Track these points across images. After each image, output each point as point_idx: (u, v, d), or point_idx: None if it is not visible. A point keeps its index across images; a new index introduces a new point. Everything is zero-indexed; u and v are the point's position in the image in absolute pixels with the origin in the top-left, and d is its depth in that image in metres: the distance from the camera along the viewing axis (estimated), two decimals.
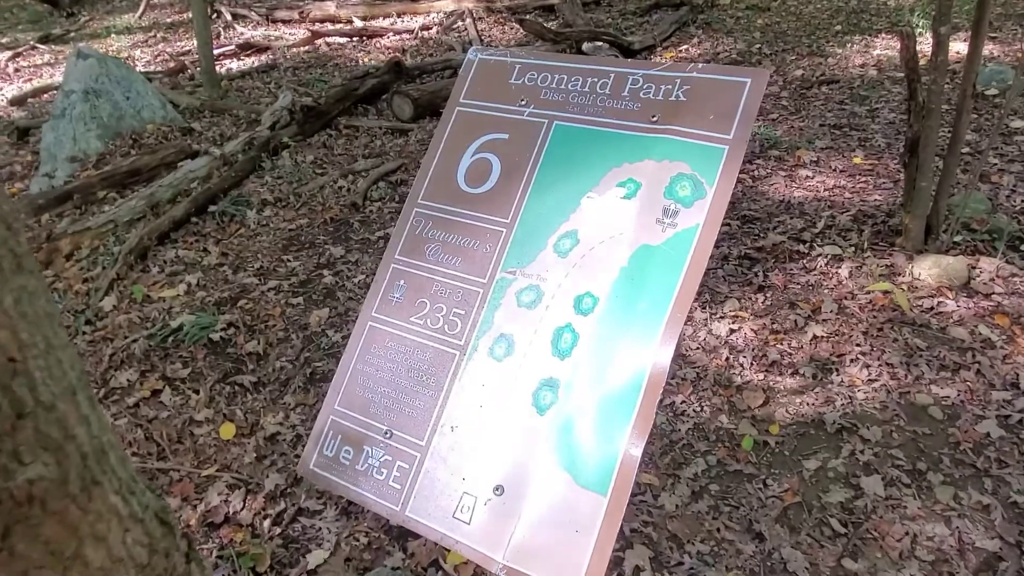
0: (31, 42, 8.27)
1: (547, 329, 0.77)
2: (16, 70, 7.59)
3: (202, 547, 2.29)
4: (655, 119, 0.79)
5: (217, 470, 2.56)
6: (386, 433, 0.83)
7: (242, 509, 2.40)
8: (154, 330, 3.28)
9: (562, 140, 0.84)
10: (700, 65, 0.78)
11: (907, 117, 3.22)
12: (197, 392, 2.93)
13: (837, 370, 2.77)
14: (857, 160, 4.34)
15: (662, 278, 0.72)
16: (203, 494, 2.47)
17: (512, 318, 0.79)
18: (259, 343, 3.18)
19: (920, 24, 6.35)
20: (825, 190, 4.04)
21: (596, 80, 0.85)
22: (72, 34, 8.71)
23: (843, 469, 2.38)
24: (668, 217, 0.75)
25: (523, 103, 0.88)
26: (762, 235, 3.64)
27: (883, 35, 6.51)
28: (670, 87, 0.80)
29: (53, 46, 8.24)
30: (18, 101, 6.56)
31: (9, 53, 7.92)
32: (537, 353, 0.77)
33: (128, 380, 3.01)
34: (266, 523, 2.35)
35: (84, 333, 3.33)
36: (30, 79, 7.31)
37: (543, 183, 0.83)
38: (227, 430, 2.73)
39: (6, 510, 0.50)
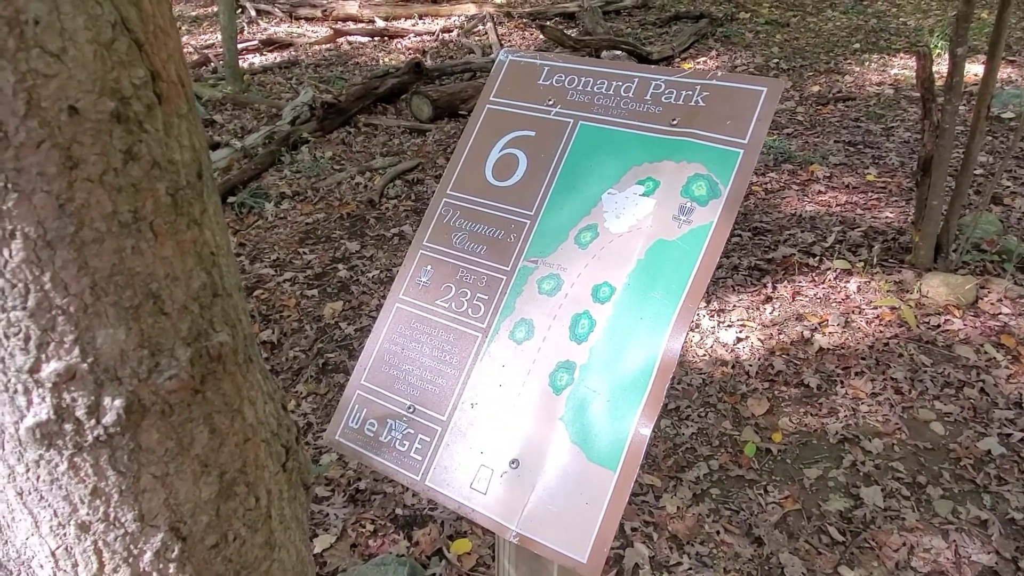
0: None
1: (566, 315, 0.82)
2: None
3: None
4: (675, 122, 0.84)
5: None
6: (409, 408, 0.88)
7: None
8: None
9: (586, 139, 0.89)
10: (720, 73, 0.83)
11: (921, 136, 3.26)
12: None
13: (842, 382, 2.80)
14: (870, 177, 4.38)
15: (676, 271, 0.77)
16: None
17: (533, 304, 0.84)
18: (273, 332, 3.25)
19: (938, 45, 6.37)
20: (837, 205, 4.07)
21: (620, 84, 0.90)
22: None
23: (843, 479, 2.41)
24: (684, 214, 0.79)
25: (550, 103, 0.93)
26: (773, 247, 3.67)
27: (901, 54, 6.54)
28: (690, 92, 0.85)
29: None
30: None
31: None
32: (555, 337, 0.82)
33: None
34: None
35: None
36: None
37: (567, 179, 0.88)
38: None
39: (204, 362, 0.66)
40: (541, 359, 0.81)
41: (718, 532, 2.25)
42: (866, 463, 2.46)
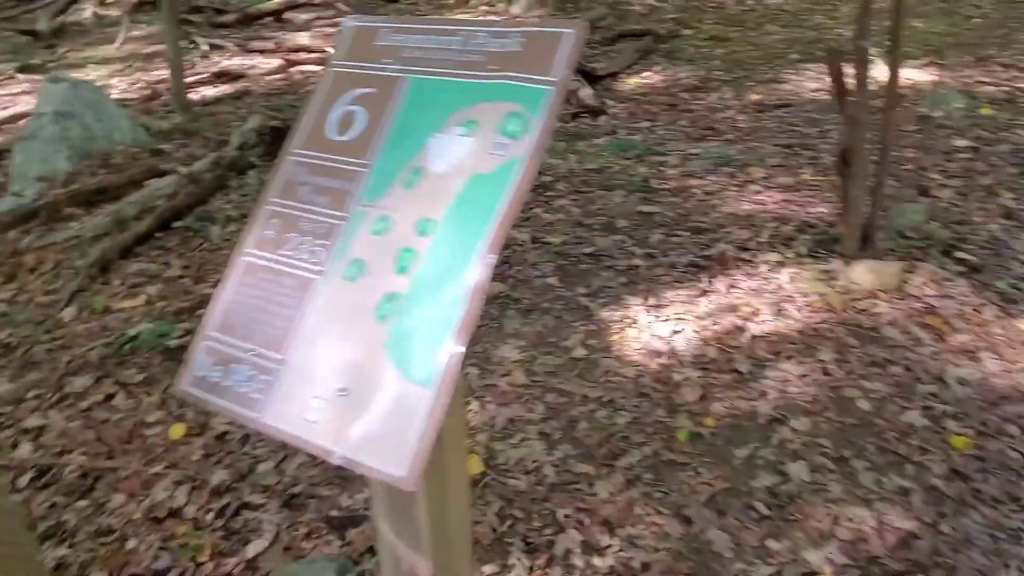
0: (10, 71, 8.38)
1: (392, 251, 0.86)
2: None
3: (145, 540, 2.33)
4: (494, 69, 0.90)
5: (165, 467, 2.60)
6: (250, 351, 0.91)
7: (187, 504, 2.44)
8: (112, 339, 3.33)
9: (418, 92, 0.94)
10: (537, 20, 0.89)
11: (840, 130, 3.38)
12: (150, 395, 2.98)
13: (773, 367, 2.87)
14: (805, 177, 4.51)
15: (490, 199, 0.81)
16: (149, 490, 2.50)
17: (365, 245, 0.89)
18: None
19: (872, 53, 6.59)
20: (773, 204, 4.19)
21: (449, 39, 0.95)
22: (51, 64, 8.84)
23: (772, 457, 2.46)
24: (499, 150, 0.84)
25: (387, 61, 0.98)
26: (710, 244, 3.76)
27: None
28: (509, 40, 0.90)
29: (32, 75, 8.35)
30: None
31: None
32: (382, 272, 0.86)
33: (83, 386, 3.05)
34: (209, 516, 2.39)
35: (43, 342, 3.37)
36: (7, 107, 7.41)
37: (400, 130, 0.93)
38: (177, 430, 2.77)
39: None
40: (369, 294, 0.85)
41: (648, 514, 2.28)
42: (794, 441, 2.52)
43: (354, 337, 0.84)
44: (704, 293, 3.36)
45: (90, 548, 2.29)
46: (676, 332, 3.12)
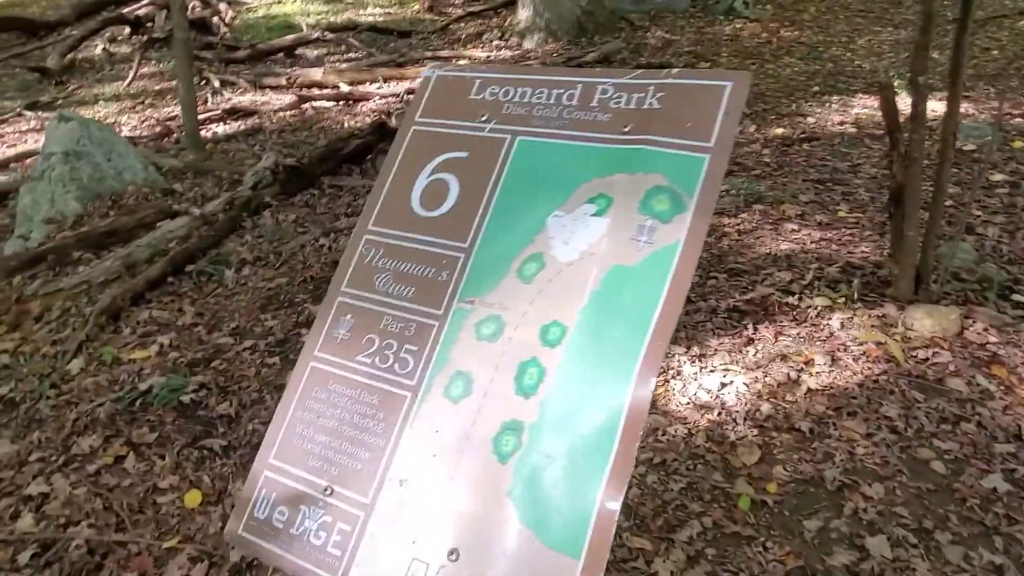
0: (18, 109, 8.30)
1: (510, 364, 0.67)
2: (0, 136, 7.59)
3: None
4: (627, 129, 0.71)
5: (179, 541, 2.39)
6: (326, 490, 0.72)
7: None
8: (122, 393, 3.13)
9: (526, 156, 0.76)
10: (675, 71, 0.71)
11: (889, 168, 3.21)
12: (163, 457, 2.77)
13: (835, 424, 2.66)
14: (841, 213, 4.33)
15: (640, 303, 0.63)
16: (163, 568, 2.29)
17: (471, 353, 0.70)
18: (231, 404, 3.04)
19: (896, 84, 6.48)
20: (812, 243, 4.01)
21: (562, 91, 0.78)
22: (60, 101, 8.77)
23: (846, 529, 2.24)
24: (644, 235, 0.66)
25: (484, 119, 0.80)
26: (750, 287, 3.57)
27: (860, 95, 6.64)
28: (643, 95, 0.73)
29: (40, 113, 8.27)
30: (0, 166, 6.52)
31: None
32: (499, 392, 0.67)
33: (91, 446, 2.85)
34: None
35: (48, 398, 3.18)
36: (14, 145, 7.30)
37: (506, 203, 0.75)
38: (192, 498, 2.57)
39: None
40: (482, 420, 0.66)
41: None
42: (868, 510, 2.30)
43: (466, 479, 0.64)
44: (750, 341, 3.17)
45: None
46: (725, 384, 2.92)
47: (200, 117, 6.61)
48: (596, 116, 0.75)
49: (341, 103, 7.84)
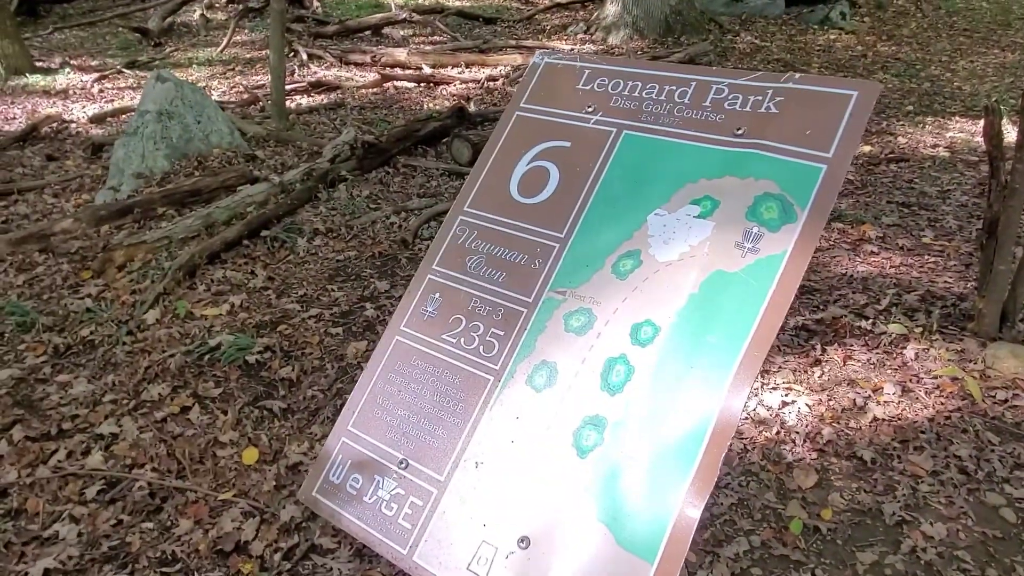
0: (118, 66, 8.68)
1: (597, 359, 0.67)
2: (100, 91, 7.95)
3: (209, 575, 2.19)
4: (740, 132, 0.69)
5: (234, 495, 2.47)
6: (401, 463, 0.73)
7: (254, 539, 2.30)
8: (192, 347, 3.25)
9: (631, 151, 0.75)
10: (797, 75, 0.69)
11: (987, 197, 3.05)
12: (225, 412, 2.87)
13: (899, 457, 2.56)
14: (926, 240, 4.15)
15: (739, 310, 0.61)
16: (217, 519, 2.37)
17: (558, 344, 0.69)
18: (293, 369, 3.13)
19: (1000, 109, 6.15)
20: (891, 267, 3.85)
21: (675, 88, 0.76)
22: (157, 62, 9.13)
23: (902, 567, 2.16)
24: (750, 241, 0.64)
25: (590, 110, 0.79)
26: (822, 307, 3.46)
27: (957, 118, 6.34)
28: (760, 98, 0.70)
29: (138, 71, 8.63)
30: (98, 119, 6.84)
31: (96, 75, 8.32)
32: (583, 386, 0.66)
33: (160, 394, 2.98)
34: (276, 556, 2.24)
35: (124, 343, 3.32)
36: (112, 100, 7.64)
37: (606, 196, 0.74)
38: (250, 455, 2.65)
39: None
40: (564, 411, 0.65)
41: None
42: (927, 550, 2.21)
43: (543, 470, 0.64)
44: (817, 362, 3.07)
45: None
46: (786, 403, 2.84)
47: (286, 88, 6.78)
48: (708, 116, 0.73)
49: (422, 85, 7.92)
